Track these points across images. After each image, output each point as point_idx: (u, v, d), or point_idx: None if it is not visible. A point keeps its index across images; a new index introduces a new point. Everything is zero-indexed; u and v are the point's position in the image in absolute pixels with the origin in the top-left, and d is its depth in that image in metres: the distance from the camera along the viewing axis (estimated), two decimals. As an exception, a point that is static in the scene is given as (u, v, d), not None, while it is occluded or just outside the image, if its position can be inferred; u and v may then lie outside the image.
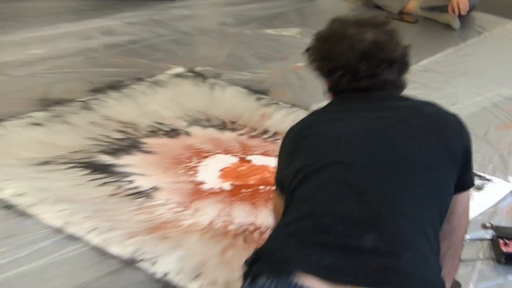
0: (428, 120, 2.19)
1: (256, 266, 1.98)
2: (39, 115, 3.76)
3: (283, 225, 2.08)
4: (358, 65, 2.24)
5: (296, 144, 2.25)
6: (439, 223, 2.08)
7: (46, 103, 3.89)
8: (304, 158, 2.15)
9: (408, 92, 2.37)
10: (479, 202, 3.23)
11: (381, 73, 2.25)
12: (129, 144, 3.60)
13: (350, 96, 2.30)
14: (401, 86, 2.35)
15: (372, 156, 2.08)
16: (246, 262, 2.04)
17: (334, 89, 2.37)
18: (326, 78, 2.36)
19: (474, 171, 2.32)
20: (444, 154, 2.12)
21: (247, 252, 2.85)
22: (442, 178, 2.11)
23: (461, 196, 2.24)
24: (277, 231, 2.13)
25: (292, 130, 2.34)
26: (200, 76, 4.37)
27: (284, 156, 2.30)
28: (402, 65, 2.31)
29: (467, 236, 2.59)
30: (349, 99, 2.31)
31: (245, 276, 2.01)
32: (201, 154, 3.57)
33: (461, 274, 2.63)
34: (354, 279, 1.83)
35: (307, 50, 2.41)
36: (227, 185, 3.34)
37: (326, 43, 2.33)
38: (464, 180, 2.21)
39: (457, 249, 2.36)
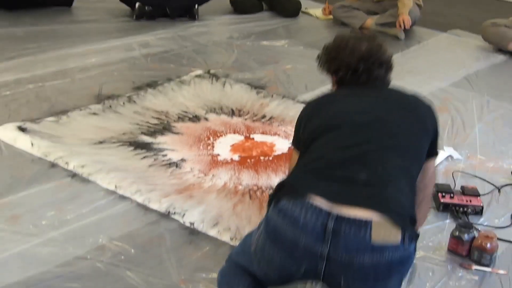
0: (410, 104, 2.33)
1: (278, 193, 2.08)
2: (95, 107, 3.71)
3: (301, 166, 2.20)
4: (357, 65, 2.33)
5: (312, 114, 2.33)
6: (415, 175, 2.18)
7: (100, 98, 3.84)
8: (319, 122, 2.25)
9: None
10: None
11: (374, 70, 2.35)
12: (162, 127, 3.55)
13: (353, 86, 2.38)
14: (388, 81, 2.44)
15: (368, 122, 2.18)
16: (270, 194, 2.17)
17: (340, 83, 2.43)
18: (333, 75, 2.44)
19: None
20: (421, 127, 2.25)
21: (252, 206, 2.86)
22: (419, 144, 2.22)
23: (430, 161, 2.36)
24: (295, 170, 2.23)
25: (309, 105, 2.44)
26: (214, 76, 4.30)
27: (303, 122, 2.35)
28: (388, 66, 2.41)
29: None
30: (351, 88, 2.38)
31: (270, 202, 2.12)
32: (216, 134, 3.53)
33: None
34: (352, 201, 1.96)
35: (318, 57, 2.50)
36: (236, 157, 3.30)
37: (332, 50, 2.42)
38: (433, 149, 2.33)
39: (429, 198, 2.49)
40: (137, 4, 5.33)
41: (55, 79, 4.06)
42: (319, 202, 1.95)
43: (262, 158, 3.31)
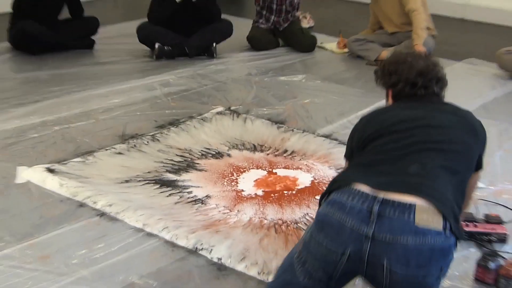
0: (464, 115, 2.37)
1: (328, 190, 2.18)
2: (120, 146, 3.74)
3: (350, 167, 2.33)
4: (416, 79, 2.38)
5: (365, 125, 2.40)
6: (464, 181, 2.25)
7: (124, 138, 3.87)
8: (371, 130, 2.32)
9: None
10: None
11: (432, 86, 2.40)
12: (186, 165, 3.56)
13: (409, 99, 2.42)
14: (443, 97, 2.48)
15: (420, 126, 2.26)
16: (321, 195, 2.24)
17: (397, 96, 2.48)
18: (391, 88, 2.49)
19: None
20: (472, 138, 2.31)
21: (278, 240, 2.87)
22: (470, 152, 2.28)
23: (477, 173, 2.42)
24: (345, 170, 2.35)
25: (364, 118, 2.47)
26: (235, 112, 4.33)
27: (356, 133, 2.42)
28: (443, 82, 2.46)
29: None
30: (409, 101, 2.42)
31: (320, 201, 2.21)
32: (239, 170, 3.53)
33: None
34: (397, 188, 2.04)
35: (376, 72, 2.58)
36: (260, 192, 3.30)
37: (391, 65, 2.49)
38: (479, 163, 2.37)
39: (470, 199, 2.54)
40: (156, 45, 5.38)
41: (79, 120, 4.10)
42: (366, 189, 2.05)
43: (285, 192, 3.30)
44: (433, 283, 2.05)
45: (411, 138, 2.22)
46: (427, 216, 1.99)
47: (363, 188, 2.06)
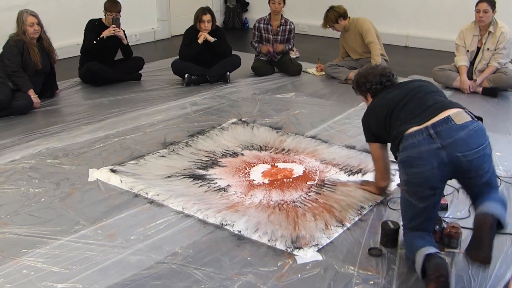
0: (424, 82, 2.68)
1: (398, 148, 2.41)
2: (162, 151, 3.68)
3: (397, 128, 2.45)
4: (380, 79, 2.75)
5: (374, 115, 2.70)
6: None
7: (165, 144, 3.81)
8: (385, 110, 2.59)
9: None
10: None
11: (391, 79, 2.77)
12: (212, 163, 3.51)
13: (384, 90, 2.73)
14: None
15: (411, 94, 2.55)
16: (395, 156, 2.47)
17: (374, 94, 2.77)
18: (368, 92, 2.82)
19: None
20: (434, 88, 2.64)
21: (282, 215, 2.83)
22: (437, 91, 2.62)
23: None
24: (395, 133, 2.46)
25: (368, 114, 2.77)
26: (245, 122, 4.27)
27: (371, 121, 2.73)
28: (395, 74, 2.81)
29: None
30: (385, 90, 2.73)
31: (395, 152, 2.45)
32: (250, 165, 3.47)
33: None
34: (433, 114, 2.34)
35: (353, 87, 2.90)
36: (266, 180, 3.25)
37: (361, 78, 2.83)
38: None
39: None
40: (186, 75, 5.35)
41: (132, 133, 4.05)
42: (417, 128, 2.31)
43: (285, 180, 3.25)
44: (490, 153, 2.31)
45: (414, 98, 2.50)
46: (459, 117, 2.28)
47: (415, 128, 2.31)
